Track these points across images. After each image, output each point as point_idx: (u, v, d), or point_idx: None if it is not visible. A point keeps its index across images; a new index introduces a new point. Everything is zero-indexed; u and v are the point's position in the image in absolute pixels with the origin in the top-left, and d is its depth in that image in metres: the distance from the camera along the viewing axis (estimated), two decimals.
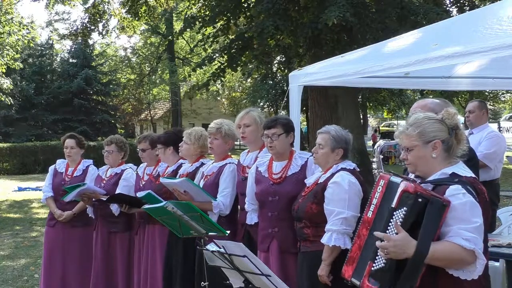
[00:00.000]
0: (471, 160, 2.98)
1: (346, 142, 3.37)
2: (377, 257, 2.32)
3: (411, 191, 2.24)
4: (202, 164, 4.35)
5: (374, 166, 3.32)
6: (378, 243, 2.28)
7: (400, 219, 2.24)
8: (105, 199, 4.70)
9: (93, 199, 4.88)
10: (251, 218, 3.83)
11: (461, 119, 2.53)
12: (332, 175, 3.28)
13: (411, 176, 2.56)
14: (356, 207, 3.21)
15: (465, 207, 2.24)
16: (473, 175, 2.43)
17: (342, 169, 3.29)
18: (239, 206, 4.10)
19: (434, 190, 2.33)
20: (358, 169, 3.41)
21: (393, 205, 2.27)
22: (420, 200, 2.22)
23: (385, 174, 2.48)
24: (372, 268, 2.33)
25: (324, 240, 3.16)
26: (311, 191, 3.35)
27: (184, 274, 4.13)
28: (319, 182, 3.33)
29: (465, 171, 2.41)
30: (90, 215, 5.07)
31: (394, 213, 2.27)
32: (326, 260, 3.18)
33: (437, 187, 2.35)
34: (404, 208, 2.24)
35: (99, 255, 4.95)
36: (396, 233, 2.23)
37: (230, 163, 4.12)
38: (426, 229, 2.21)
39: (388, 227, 2.28)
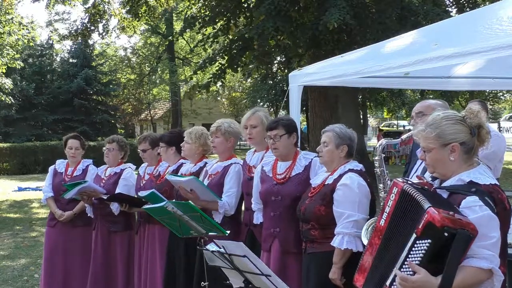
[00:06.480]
0: None
1: (350, 139, 3.34)
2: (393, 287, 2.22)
3: (438, 224, 2.06)
4: (206, 164, 4.33)
5: (376, 164, 3.28)
6: (397, 278, 2.17)
7: (422, 252, 2.12)
8: (105, 198, 4.70)
9: (93, 198, 4.87)
10: (257, 218, 3.80)
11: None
12: (340, 176, 3.23)
13: (428, 177, 2.46)
14: (366, 209, 3.19)
15: (481, 221, 2.12)
16: (493, 182, 2.27)
17: (350, 170, 3.24)
18: (243, 206, 4.08)
19: (450, 198, 2.23)
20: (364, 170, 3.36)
21: (417, 232, 2.13)
22: (446, 235, 2.07)
23: (398, 181, 2.33)
24: None
25: (335, 243, 3.13)
26: (318, 192, 3.29)
27: (187, 275, 4.11)
28: (326, 183, 3.27)
29: (484, 178, 2.26)
30: (89, 215, 5.06)
31: (417, 242, 2.13)
32: (338, 263, 3.15)
33: (453, 195, 2.24)
34: (428, 240, 2.11)
35: (99, 255, 4.95)
36: (413, 272, 2.13)
37: (235, 163, 4.10)
38: (451, 266, 2.08)
39: (410, 255, 2.17)
